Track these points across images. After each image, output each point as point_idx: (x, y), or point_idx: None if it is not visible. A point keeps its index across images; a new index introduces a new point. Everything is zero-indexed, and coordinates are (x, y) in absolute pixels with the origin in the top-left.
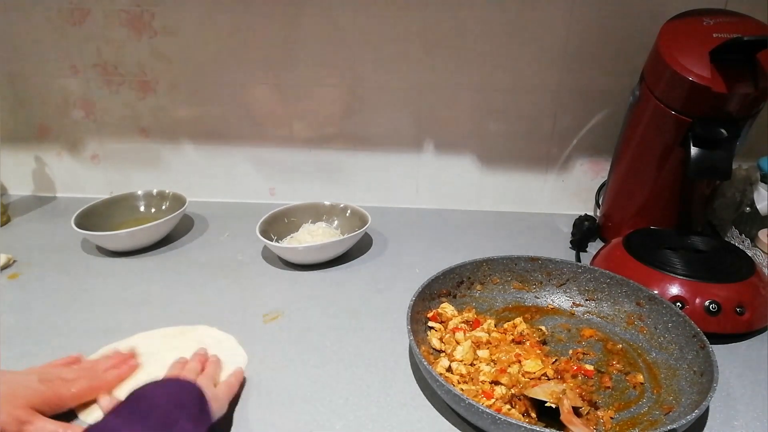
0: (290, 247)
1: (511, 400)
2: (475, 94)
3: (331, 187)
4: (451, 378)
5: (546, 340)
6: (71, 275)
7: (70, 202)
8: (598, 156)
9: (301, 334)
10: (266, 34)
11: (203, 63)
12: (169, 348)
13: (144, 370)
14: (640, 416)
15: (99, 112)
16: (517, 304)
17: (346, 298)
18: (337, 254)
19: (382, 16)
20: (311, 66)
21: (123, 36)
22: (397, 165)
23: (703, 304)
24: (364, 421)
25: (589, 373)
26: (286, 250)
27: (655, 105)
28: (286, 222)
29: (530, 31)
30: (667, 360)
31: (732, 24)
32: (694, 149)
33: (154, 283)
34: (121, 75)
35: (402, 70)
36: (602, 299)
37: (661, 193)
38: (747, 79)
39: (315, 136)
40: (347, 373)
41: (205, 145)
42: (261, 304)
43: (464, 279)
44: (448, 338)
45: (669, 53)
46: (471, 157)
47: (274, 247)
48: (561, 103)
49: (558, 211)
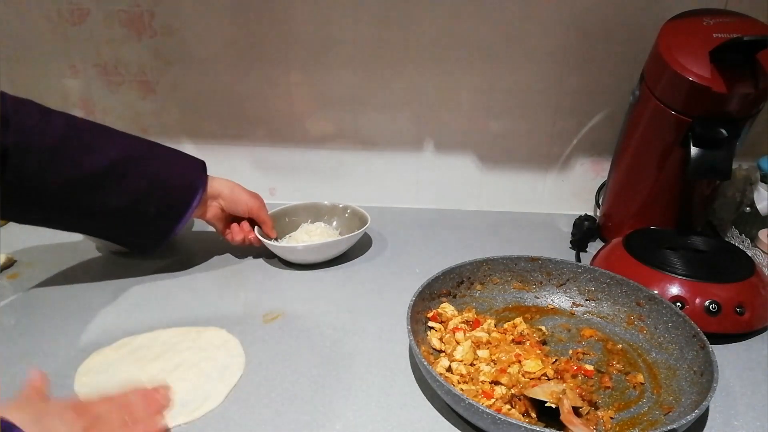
0: (289, 246)
1: (511, 400)
2: (476, 94)
3: (331, 186)
4: (451, 378)
5: (546, 340)
6: (71, 275)
7: None
8: (598, 156)
9: (301, 334)
10: (266, 34)
11: (203, 63)
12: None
13: (157, 365)
14: (640, 416)
15: (99, 112)
16: (517, 304)
17: (346, 298)
18: (336, 254)
19: (382, 16)
20: (311, 66)
21: (123, 36)
22: (397, 165)
23: (703, 304)
24: (364, 421)
25: (589, 373)
26: (284, 250)
27: (655, 105)
28: (287, 221)
29: (530, 30)
30: (667, 360)
31: (732, 24)
32: (694, 149)
33: (154, 284)
34: (121, 75)
35: (402, 70)
36: (602, 299)
37: (661, 193)
38: (747, 79)
39: (315, 136)
40: (347, 373)
41: (205, 145)
42: (261, 304)
43: (464, 279)
44: (448, 338)
45: (669, 53)
46: (471, 157)
47: (273, 247)
48: (561, 103)
49: (558, 211)
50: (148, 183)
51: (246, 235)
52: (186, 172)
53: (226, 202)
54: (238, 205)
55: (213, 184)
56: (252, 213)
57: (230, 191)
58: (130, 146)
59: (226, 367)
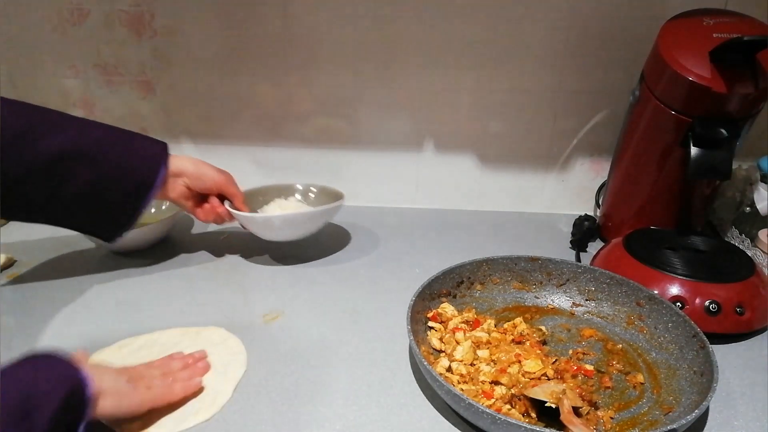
0: (263, 217)
1: (511, 400)
2: (476, 94)
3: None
4: (451, 378)
5: (546, 340)
6: (71, 275)
7: None
8: (598, 156)
9: (301, 334)
10: (266, 33)
11: (203, 63)
12: (182, 346)
13: None
14: (640, 416)
15: (99, 112)
16: (517, 304)
17: (346, 298)
18: (313, 229)
19: (383, 17)
20: (311, 66)
21: (123, 36)
22: (397, 165)
23: (703, 304)
24: (364, 421)
25: (589, 373)
26: (258, 223)
27: (655, 105)
28: (261, 200)
29: (530, 30)
30: (667, 360)
31: (732, 24)
32: (694, 149)
33: (154, 283)
34: (121, 75)
35: (402, 69)
36: (602, 299)
37: (661, 193)
38: (747, 79)
39: (315, 136)
40: (347, 373)
41: (205, 145)
42: (261, 304)
43: (464, 279)
44: (448, 338)
45: (669, 53)
46: (471, 157)
47: (246, 220)
48: (561, 103)
49: (558, 211)
50: (107, 166)
51: (216, 210)
52: (146, 153)
53: (191, 179)
54: (204, 180)
55: (175, 162)
56: (220, 188)
57: (194, 167)
58: (85, 130)
59: (228, 363)
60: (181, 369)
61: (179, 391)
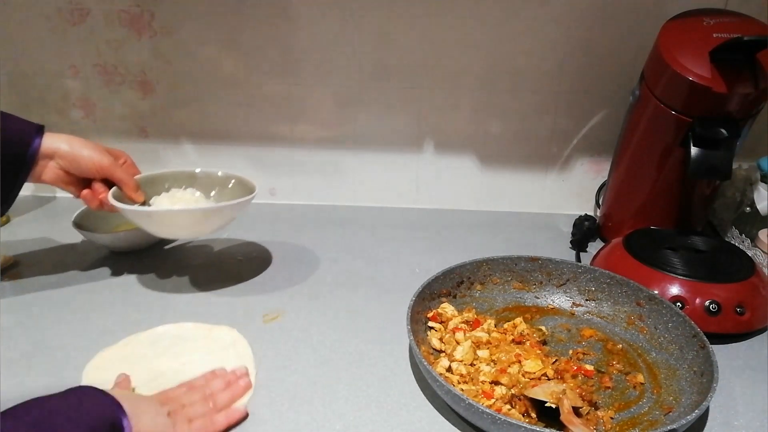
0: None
1: (511, 400)
2: (476, 94)
3: (331, 186)
4: (451, 378)
5: (546, 340)
6: (71, 275)
7: (70, 203)
8: (598, 156)
9: (301, 334)
10: (267, 34)
11: (203, 63)
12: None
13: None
14: (640, 416)
15: (99, 112)
16: (517, 304)
17: (345, 298)
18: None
19: (383, 18)
20: (311, 65)
21: (123, 36)
22: (397, 165)
23: (703, 304)
24: (364, 421)
25: (589, 373)
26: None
27: (655, 105)
28: (167, 188)
29: (530, 30)
30: (667, 360)
31: (732, 24)
32: (694, 149)
33: (154, 283)
34: (121, 75)
35: (402, 69)
36: (602, 299)
37: (661, 193)
38: (747, 79)
39: (315, 135)
40: (347, 373)
41: (205, 145)
42: (261, 304)
43: (464, 279)
44: (448, 338)
45: (669, 53)
46: (471, 157)
47: (129, 213)
48: (561, 103)
49: (558, 211)
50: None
51: (98, 198)
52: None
53: (65, 161)
54: (80, 163)
55: (47, 141)
56: (103, 172)
57: (69, 147)
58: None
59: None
60: (223, 389)
61: (222, 421)
